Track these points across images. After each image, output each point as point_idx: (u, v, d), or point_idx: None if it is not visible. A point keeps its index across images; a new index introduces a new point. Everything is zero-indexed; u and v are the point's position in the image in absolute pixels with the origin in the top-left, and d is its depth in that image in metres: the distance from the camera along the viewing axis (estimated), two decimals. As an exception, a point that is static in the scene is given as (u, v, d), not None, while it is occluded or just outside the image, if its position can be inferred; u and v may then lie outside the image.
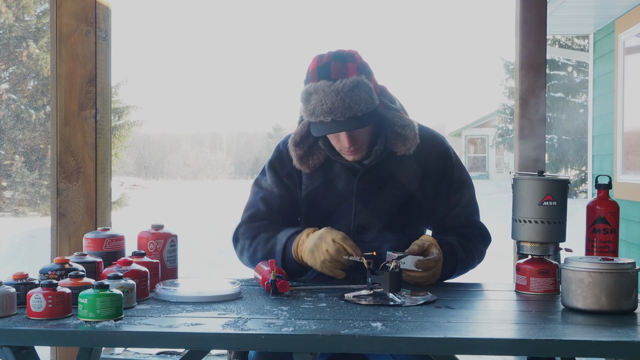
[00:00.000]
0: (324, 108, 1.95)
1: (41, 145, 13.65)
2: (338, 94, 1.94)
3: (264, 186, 2.21)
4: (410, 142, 2.08)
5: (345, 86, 1.94)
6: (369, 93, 1.98)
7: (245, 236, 2.14)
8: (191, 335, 1.48)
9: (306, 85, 2.01)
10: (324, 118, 1.96)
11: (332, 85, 1.95)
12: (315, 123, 2.01)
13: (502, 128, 20.26)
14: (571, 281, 1.68)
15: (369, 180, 2.12)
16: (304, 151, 2.12)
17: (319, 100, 1.95)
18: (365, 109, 1.96)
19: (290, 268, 2.04)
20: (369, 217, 2.11)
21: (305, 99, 2.00)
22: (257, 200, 2.19)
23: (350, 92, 1.94)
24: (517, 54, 2.97)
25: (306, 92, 2.00)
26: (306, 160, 2.13)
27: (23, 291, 1.66)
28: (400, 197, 2.11)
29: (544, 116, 2.93)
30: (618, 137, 6.09)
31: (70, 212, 2.87)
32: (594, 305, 1.65)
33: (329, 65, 1.99)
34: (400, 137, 2.08)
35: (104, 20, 2.91)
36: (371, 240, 2.10)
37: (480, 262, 2.14)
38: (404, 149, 2.08)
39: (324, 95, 1.95)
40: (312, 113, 1.98)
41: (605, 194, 1.96)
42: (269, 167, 2.22)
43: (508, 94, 20.55)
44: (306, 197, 2.16)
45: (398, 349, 1.52)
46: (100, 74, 2.90)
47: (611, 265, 1.66)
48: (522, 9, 2.93)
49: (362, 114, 1.96)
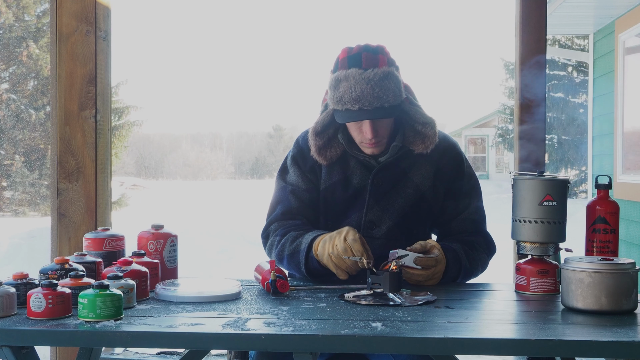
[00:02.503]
0: (352, 95, 1.97)
1: (41, 145, 13.65)
2: (369, 82, 1.97)
3: (289, 181, 2.21)
4: (429, 141, 2.10)
5: (376, 75, 1.97)
6: (398, 86, 2.01)
7: (276, 233, 2.13)
8: (191, 335, 1.48)
9: (335, 73, 2.03)
10: (351, 106, 1.98)
11: (364, 74, 1.97)
12: (341, 111, 2.03)
13: (502, 128, 20.25)
14: (571, 281, 1.68)
15: (384, 177, 2.13)
16: (323, 142, 2.13)
17: (348, 87, 1.98)
18: (392, 100, 1.99)
19: (312, 268, 2.02)
20: (380, 214, 2.12)
21: (334, 86, 2.02)
22: (287, 195, 2.18)
23: (381, 81, 1.97)
24: (517, 53, 2.97)
25: (335, 79, 2.02)
26: (324, 152, 2.14)
27: (23, 291, 1.66)
28: (412, 196, 2.13)
29: (544, 116, 2.93)
30: (618, 137, 6.09)
31: (70, 212, 2.87)
32: (594, 305, 1.65)
33: (360, 55, 2.01)
34: (420, 135, 2.10)
35: (104, 20, 2.91)
36: (380, 236, 2.11)
37: (483, 271, 2.14)
38: (422, 147, 2.10)
39: (354, 82, 1.97)
40: (339, 100, 2.01)
41: (605, 194, 1.96)
42: (292, 163, 2.22)
43: (508, 94, 20.55)
44: (324, 191, 2.17)
45: (398, 349, 1.52)
46: (100, 74, 2.90)
47: (611, 265, 1.66)
48: (522, 9, 2.93)
49: (389, 105, 1.99)
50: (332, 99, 2.04)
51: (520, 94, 2.93)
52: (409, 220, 2.13)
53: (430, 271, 1.95)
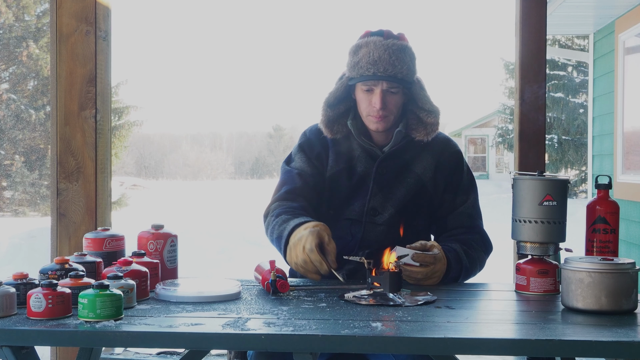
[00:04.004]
0: (369, 59, 2.07)
1: (41, 145, 13.65)
2: (387, 49, 2.07)
3: (295, 165, 2.23)
4: (430, 128, 2.17)
5: (395, 45, 2.09)
6: (413, 61, 2.12)
7: (273, 213, 2.12)
8: (191, 335, 1.48)
9: (357, 41, 2.14)
10: (366, 70, 2.08)
11: (384, 41, 2.09)
12: (356, 78, 2.11)
13: (502, 128, 20.23)
14: (571, 281, 1.68)
15: (387, 166, 2.18)
16: (334, 114, 2.19)
17: (367, 52, 2.08)
18: (406, 73, 2.09)
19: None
20: (382, 201, 2.16)
21: (354, 52, 2.12)
22: (294, 176, 2.20)
23: (398, 51, 2.08)
24: (517, 54, 2.97)
25: (356, 46, 2.13)
26: (332, 125, 2.19)
27: (23, 291, 1.66)
28: (414, 185, 2.17)
29: (544, 116, 2.93)
30: (618, 137, 6.09)
31: (70, 212, 2.87)
32: (594, 305, 1.65)
33: (382, 29, 2.13)
34: (422, 123, 2.17)
35: (104, 20, 2.91)
36: (382, 223, 2.15)
37: (481, 270, 2.15)
38: (423, 134, 2.17)
39: (374, 47, 2.08)
40: (356, 64, 2.10)
41: (605, 194, 1.96)
42: (298, 150, 2.26)
43: (508, 94, 20.54)
44: (329, 177, 2.20)
45: (398, 349, 1.52)
46: (100, 74, 2.90)
47: (611, 265, 1.66)
48: (522, 9, 2.93)
49: (401, 77, 2.08)
50: (349, 64, 2.13)
51: (520, 94, 2.93)
52: (410, 209, 2.17)
53: (429, 269, 1.95)
